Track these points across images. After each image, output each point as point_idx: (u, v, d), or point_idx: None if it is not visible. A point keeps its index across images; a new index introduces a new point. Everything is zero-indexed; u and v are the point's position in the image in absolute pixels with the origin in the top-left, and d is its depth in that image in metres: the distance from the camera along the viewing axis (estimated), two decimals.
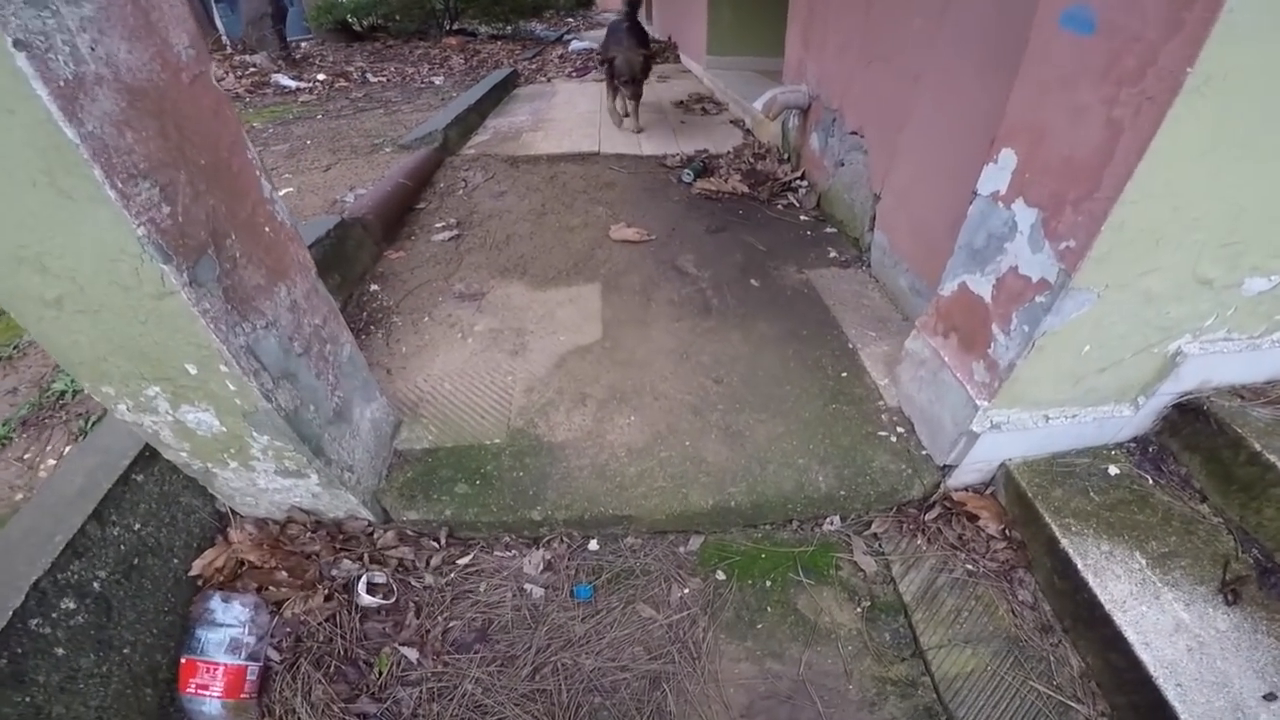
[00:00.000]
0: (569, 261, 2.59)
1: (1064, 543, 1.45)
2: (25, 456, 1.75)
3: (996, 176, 1.31)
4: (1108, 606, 1.35)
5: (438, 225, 2.94)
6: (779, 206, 3.13)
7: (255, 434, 1.23)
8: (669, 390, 1.95)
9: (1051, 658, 1.45)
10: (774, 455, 1.72)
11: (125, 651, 1.32)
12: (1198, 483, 1.55)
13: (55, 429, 1.85)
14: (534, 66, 7.42)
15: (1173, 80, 0.92)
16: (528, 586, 1.56)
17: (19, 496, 1.62)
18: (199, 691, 1.35)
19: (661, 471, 1.67)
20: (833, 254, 2.70)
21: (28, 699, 1.15)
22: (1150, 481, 1.58)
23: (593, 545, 1.65)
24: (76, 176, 0.81)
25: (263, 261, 1.12)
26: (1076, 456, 1.62)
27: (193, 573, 1.47)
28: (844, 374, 2.00)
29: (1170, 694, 1.25)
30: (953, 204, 1.78)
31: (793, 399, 1.91)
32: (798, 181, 3.25)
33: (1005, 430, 1.47)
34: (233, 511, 1.57)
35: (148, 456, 1.44)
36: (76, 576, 1.27)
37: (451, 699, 1.41)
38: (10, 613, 1.15)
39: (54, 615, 1.22)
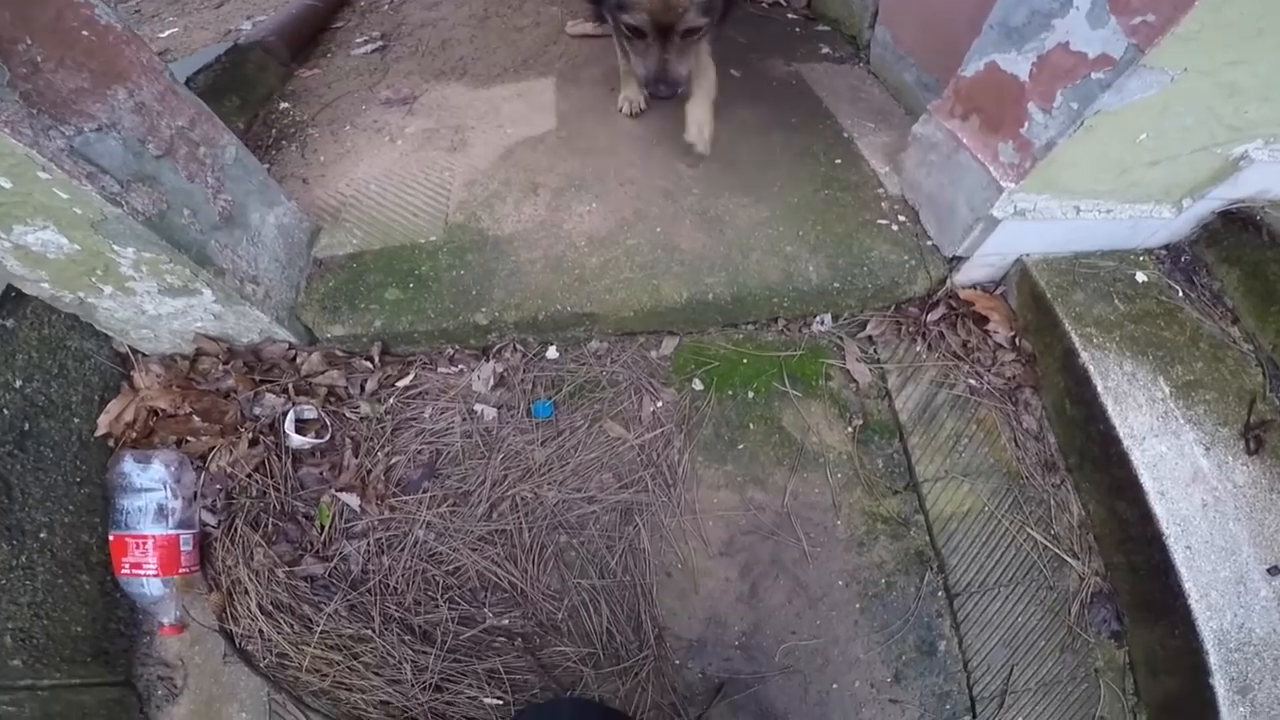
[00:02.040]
0: (517, 59, 2.23)
1: (1084, 357, 1.33)
2: None
3: None
4: (1126, 443, 1.26)
5: (359, 40, 2.54)
6: (763, 5, 2.75)
7: (117, 247, 1.11)
8: (636, 176, 1.70)
9: (1052, 501, 1.39)
10: (757, 242, 1.53)
11: (42, 536, 1.19)
12: (1231, 300, 1.45)
13: None
14: None
15: None
16: (478, 407, 1.38)
17: None
18: (134, 571, 1.23)
19: (628, 261, 1.47)
20: (825, 50, 2.38)
21: None
22: (1180, 294, 1.47)
23: (551, 353, 1.46)
24: None
25: (83, 65, 1.05)
26: (1101, 258, 1.49)
27: (99, 432, 1.29)
28: (838, 161, 1.77)
29: (1178, 557, 1.20)
30: None
31: (779, 184, 1.69)
32: None
33: (1030, 219, 1.33)
34: (133, 351, 1.36)
35: (14, 298, 1.22)
36: None
37: (402, 549, 1.29)
38: None
39: None
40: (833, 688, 1.32)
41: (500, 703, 1.25)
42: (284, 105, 2.10)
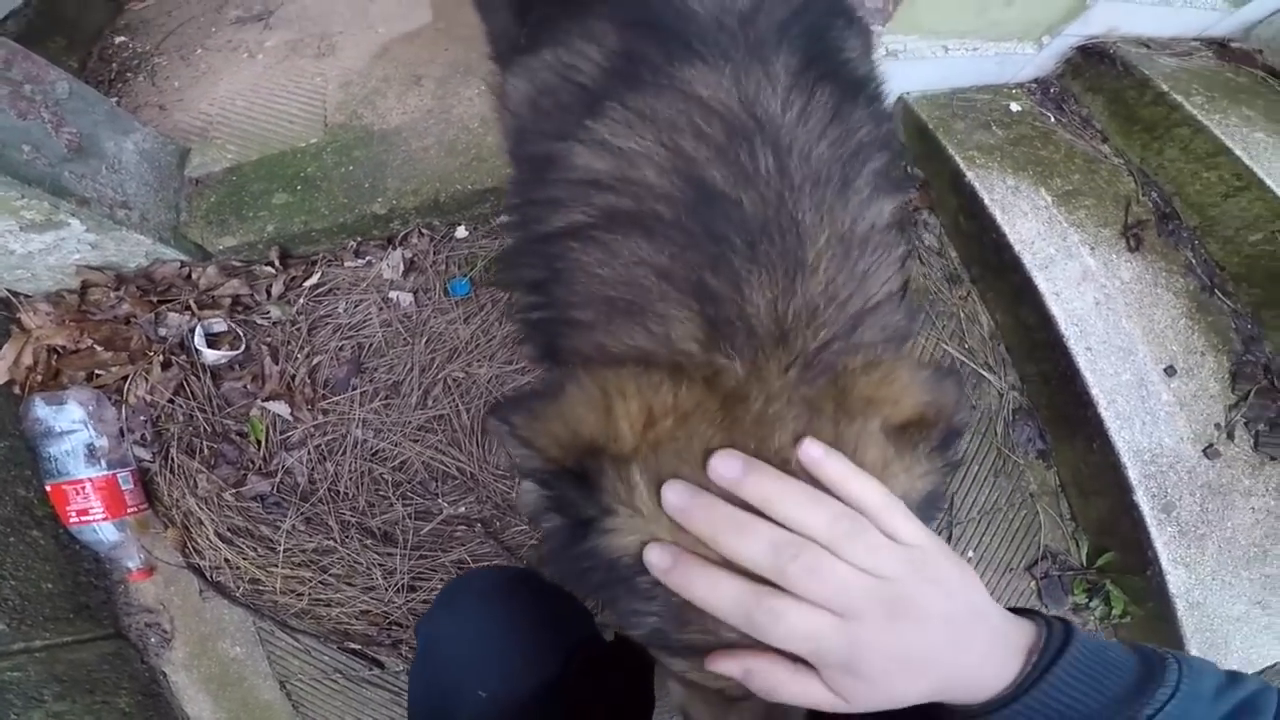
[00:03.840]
0: None
1: (969, 176, 1.40)
2: None
3: None
4: (1017, 248, 1.33)
5: None
6: None
7: None
8: None
9: (962, 314, 1.46)
10: None
11: None
12: (1099, 124, 1.55)
13: None
14: None
15: None
16: (393, 295, 1.36)
17: None
18: (82, 519, 1.21)
19: None
20: None
21: None
22: (1052, 120, 1.56)
23: (460, 232, 1.44)
24: None
25: None
26: (976, 93, 1.56)
27: (1, 380, 1.24)
28: None
29: (1081, 361, 1.25)
30: None
31: None
32: None
33: (902, 59, 1.39)
34: (13, 293, 1.29)
35: None
36: None
37: (344, 452, 1.29)
38: None
39: None
40: None
41: None
42: (120, 39, 1.93)
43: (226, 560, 1.25)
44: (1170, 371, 1.27)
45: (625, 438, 0.44)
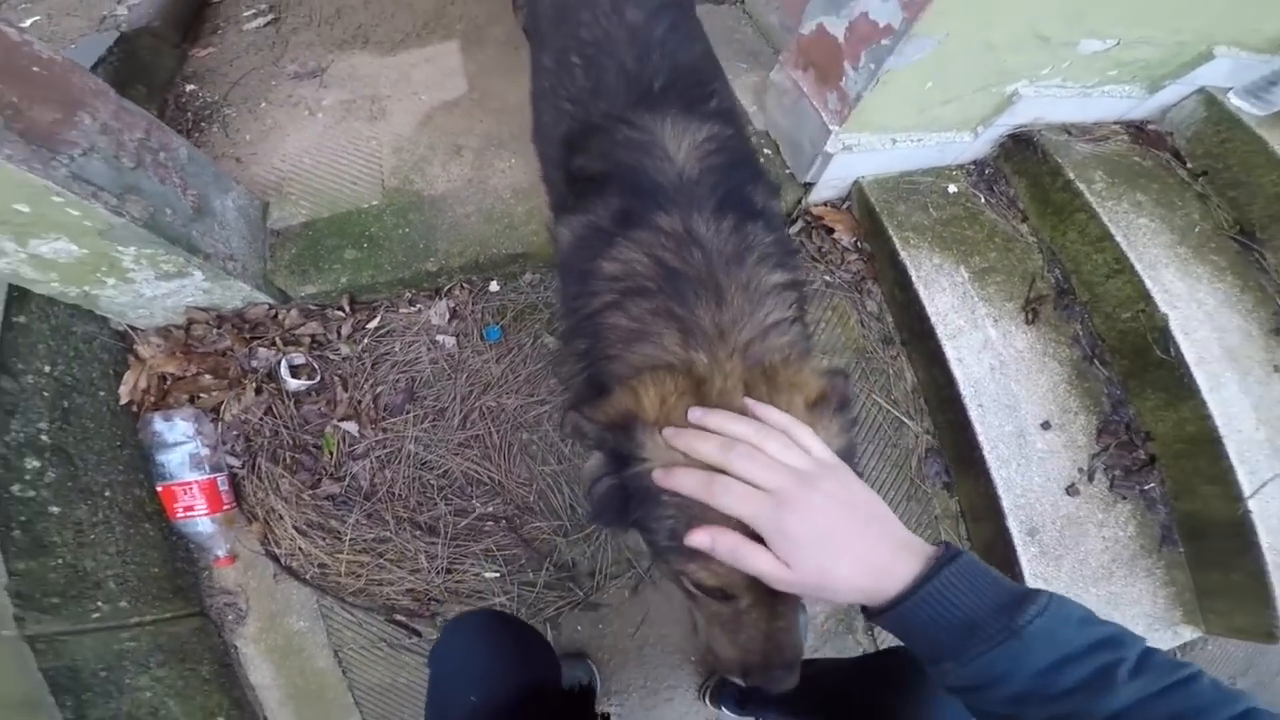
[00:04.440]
0: (417, 23, 2.26)
1: (903, 255, 1.59)
2: None
3: None
4: (933, 319, 1.50)
5: (246, 14, 2.41)
6: None
7: (120, 247, 1.23)
8: None
9: (890, 371, 1.67)
10: None
11: (107, 495, 1.36)
12: (1022, 204, 1.73)
13: None
14: None
15: None
16: (439, 338, 1.62)
17: None
18: (187, 514, 1.41)
19: None
20: None
21: (59, 561, 1.22)
22: (982, 200, 1.74)
23: (493, 287, 1.70)
24: None
25: (49, 98, 1.11)
26: (921, 175, 1.75)
27: (123, 400, 1.46)
28: None
29: (973, 414, 1.42)
30: None
31: None
32: None
33: (856, 151, 1.55)
34: (131, 327, 1.51)
35: (18, 297, 1.33)
36: (22, 434, 1.26)
37: (399, 462, 1.53)
38: None
39: (27, 476, 1.24)
40: None
41: (497, 575, 1.51)
42: (190, 88, 2.09)
43: (300, 549, 1.47)
44: (1046, 426, 1.46)
45: (649, 411, 0.72)
